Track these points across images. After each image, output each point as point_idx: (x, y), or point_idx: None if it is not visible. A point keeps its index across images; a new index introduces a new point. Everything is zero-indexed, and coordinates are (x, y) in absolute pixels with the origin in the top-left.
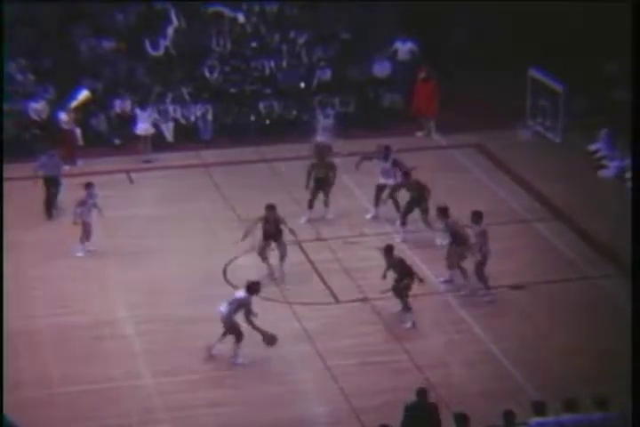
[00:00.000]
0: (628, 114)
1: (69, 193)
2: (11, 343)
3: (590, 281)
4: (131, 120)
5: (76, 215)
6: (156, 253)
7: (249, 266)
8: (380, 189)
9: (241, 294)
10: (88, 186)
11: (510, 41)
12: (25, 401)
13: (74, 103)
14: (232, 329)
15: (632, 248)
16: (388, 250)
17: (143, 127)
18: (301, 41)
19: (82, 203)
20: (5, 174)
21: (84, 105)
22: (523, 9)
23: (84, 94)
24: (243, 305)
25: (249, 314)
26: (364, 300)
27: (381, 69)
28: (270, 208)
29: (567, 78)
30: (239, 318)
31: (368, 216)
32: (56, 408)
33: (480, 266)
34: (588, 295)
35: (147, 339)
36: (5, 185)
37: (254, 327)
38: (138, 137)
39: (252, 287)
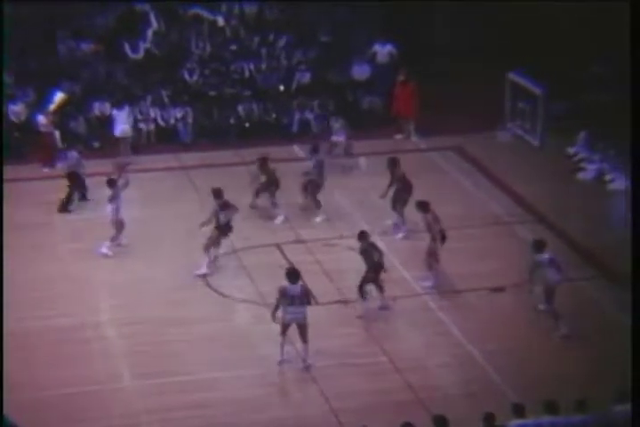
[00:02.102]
0: (606, 117)
1: (48, 196)
2: None
3: (570, 283)
4: (109, 122)
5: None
6: (136, 256)
7: (229, 268)
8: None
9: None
10: (111, 183)
11: (491, 43)
12: (8, 404)
13: (52, 106)
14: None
15: (633, 249)
16: (361, 236)
17: (122, 129)
18: (281, 44)
19: (111, 201)
20: None
21: (62, 107)
22: (504, 11)
23: (60, 97)
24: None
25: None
26: (344, 302)
27: (360, 72)
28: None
29: (546, 81)
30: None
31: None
32: (38, 411)
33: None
34: (568, 297)
35: (129, 341)
36: None
37: None
38: (117, 139)
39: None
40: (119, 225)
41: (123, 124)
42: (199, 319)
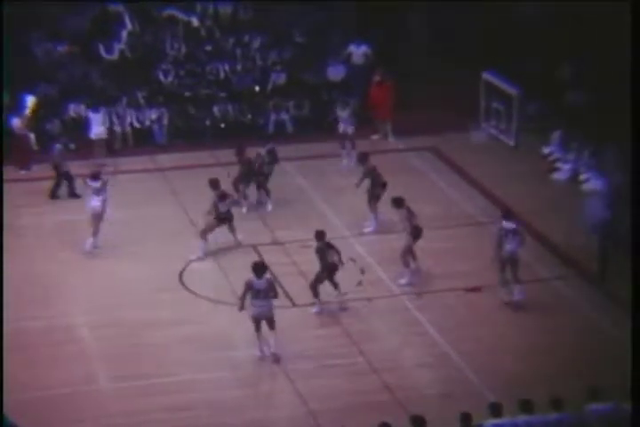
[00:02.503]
0: (581, 116)
1: (24, 198)
2: None
3: (545, 283)
4: (85, 124)
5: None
6: (112, 258)
7: (204, 270)
8: None
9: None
10: (96, 176)
11: (466, 43)
12: None
13: (27, 112)
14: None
15: (632, 251)
16: (318, 235)
17: (96, 131)
18: (256, 44)
19: (97, 193)
20: None
21: (35, 111)
22: (480, 12)
23: (32, 101)
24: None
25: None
26: (321, 303)
27: (336, 73)
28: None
29: (521, 81)
30: None
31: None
32: (12, 414)
33: None
34: (543, 297)
35: (104, 344)
36: None
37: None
38: (92, 141)
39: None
40: (100, 219)
41: (98, 127)
42: (176, 321)
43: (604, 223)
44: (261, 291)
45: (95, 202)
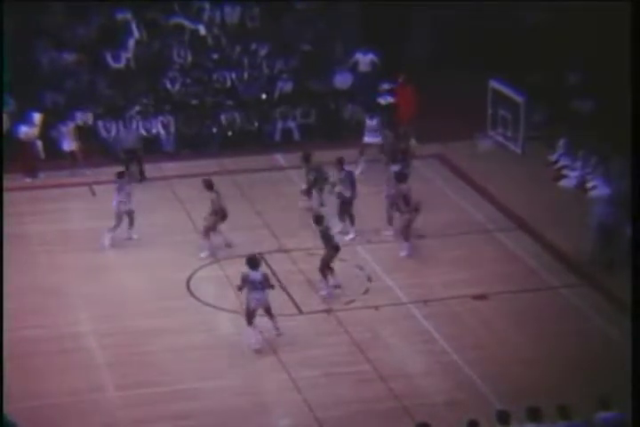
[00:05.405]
0: (587, 124)
1: (30, 206)
2: None
3: (552, 291)
4: (91, 132)
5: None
6: (118, 266)
7: (211, 278)
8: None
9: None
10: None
11: (472, 51)
12: None
13: (36, 129)
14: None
15: (633, 254)
16: (318, 220)
17: (68, 144)
18: (262, 53)
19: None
20: None
21: (44, 124)
22: (485, 19)
23: (38, 117)
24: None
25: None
26: (328, 311)
27: (342, 81)
28: None
29: (527, 88)
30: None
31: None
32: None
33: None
34: (550, 305)
35: (109, 352)
36: None
37: None
38: (69, 152)
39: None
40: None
41: (68, 139)
42: (183, 329)
43: (607, 226)
44: (257, 282)
45: (114, 200)
